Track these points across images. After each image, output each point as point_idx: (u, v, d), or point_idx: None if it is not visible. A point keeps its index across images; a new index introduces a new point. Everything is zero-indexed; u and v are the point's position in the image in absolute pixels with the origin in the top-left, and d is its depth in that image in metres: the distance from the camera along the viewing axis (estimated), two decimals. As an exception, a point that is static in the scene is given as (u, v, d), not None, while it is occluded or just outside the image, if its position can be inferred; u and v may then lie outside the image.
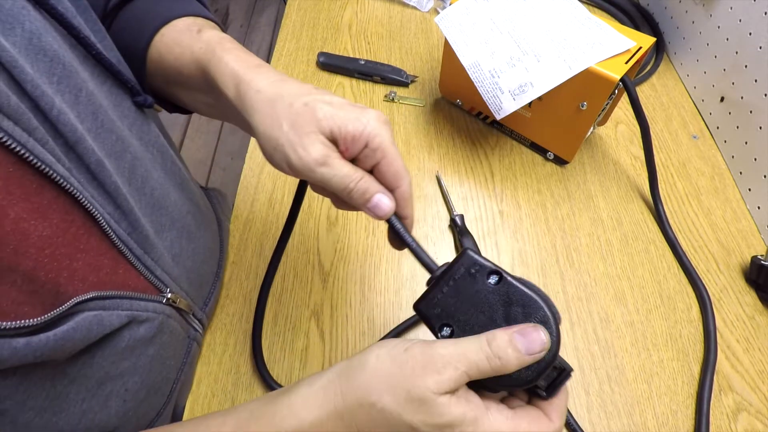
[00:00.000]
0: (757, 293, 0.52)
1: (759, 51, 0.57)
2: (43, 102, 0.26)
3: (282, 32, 0.78)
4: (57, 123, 0.27)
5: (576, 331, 0.49)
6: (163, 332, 0.38)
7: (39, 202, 0.26)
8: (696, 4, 0.68)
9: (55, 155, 0.27)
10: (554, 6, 0.54)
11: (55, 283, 0.27)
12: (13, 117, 0.24)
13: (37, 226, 0.25)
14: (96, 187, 0.30)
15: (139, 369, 0.36)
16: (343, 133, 0.30)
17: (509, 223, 0.57)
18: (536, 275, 0.53)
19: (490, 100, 0.53)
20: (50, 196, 0.27)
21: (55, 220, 0.27)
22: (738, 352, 0.48)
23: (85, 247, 0.29)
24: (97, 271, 0.30)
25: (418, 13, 0.82)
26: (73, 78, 0.29)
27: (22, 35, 0.26)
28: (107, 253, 0.31)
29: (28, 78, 0.25)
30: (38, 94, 0.26)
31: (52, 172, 0.26)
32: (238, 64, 0.32)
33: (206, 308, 0.47)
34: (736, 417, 0.45)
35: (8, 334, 0.24)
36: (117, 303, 0.31)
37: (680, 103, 0.70)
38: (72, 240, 0.28)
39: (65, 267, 0.27)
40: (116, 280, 0.32)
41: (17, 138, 0.24)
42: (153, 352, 0.37)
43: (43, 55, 0.27)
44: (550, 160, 0.62)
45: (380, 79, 0.70)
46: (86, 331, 0.29)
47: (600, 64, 0.49)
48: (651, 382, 0.46)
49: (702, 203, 0.59)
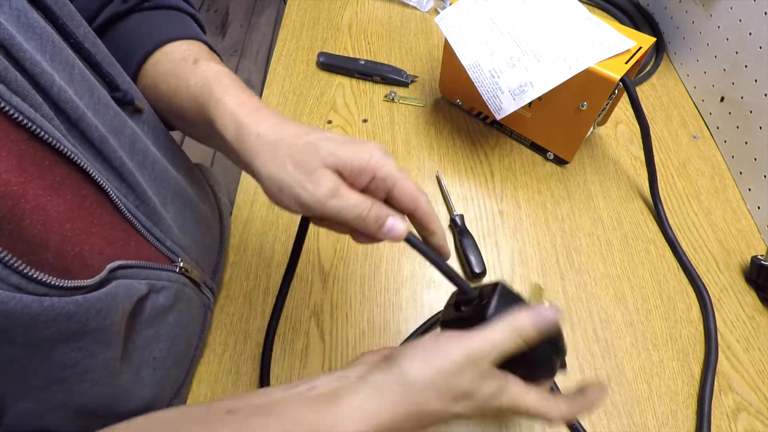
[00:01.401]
0: (757, 293, 0.52)
1: (759, 51, 0.57)
2: (43, 79, 0.25)
3: (282, 32, 0.78)
4: (58, 100, 0.26)
5: (576, 331, 0.49)
6: (180, 300, 0.39)
7: (52, 178, 0.26)
8: (696, 4, 0.68)
9: (62, 132, 0.27)
10: (554, 6, 0.54)
11: (81, 257, 0.27)
12: (20, 93, 0.24)
13: (53, 202, 0.26)
14: (101, 162, 0.30)
15: (162, 337, 0.37)
16: (348, 168, 0.30)
17: (509, 223, 0.57)
18: (536, 275, 0.53)
19: (490, 100, 0.53)
20: (62, 172, 0.27)
21: (68, 196, 0.27)
22: (738, 352, 0.48)
23: (98, 221, 0.29)
24: (111, 244, 0.30)
25: (418, 13, 0.82)
26: (64, 55, 0.28)
27: (10, 12, 0.25)
28: (119, 226, 0.31)
29: (27, 55, 0.25)
30: (38, 71, 0.25)
31: (63, 147, 0.26)
32: (238, 108, 0.32)
33: (216, 277, 0.48)
34: (736, 417, 0.45)
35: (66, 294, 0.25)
36: (136, 272, 0.32)
37: (680, 103, 0.70)
38: (86, 215, 0.28)
39: (86, 241, 0.28)
40: (129, 252, 0.32)
41: (26, 114, 0.24)
42: (173, 320, 0.38)
43: (32, 33, 0.26)
44: (550, 160, 0.62)
45: (380, 79, 0.70)
46: (123, 296, 0.30)
47: (600, 64, 0.49)
48: (651, 382, 0.46)
49: (702, 203, 0.59)
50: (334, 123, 0.66)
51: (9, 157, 0.23)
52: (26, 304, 0.23)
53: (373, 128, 0.66)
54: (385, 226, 0.30)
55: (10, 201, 0.23)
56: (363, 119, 0.66)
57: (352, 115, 0.67)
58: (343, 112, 0.67)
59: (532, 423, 0.44)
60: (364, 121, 0.66)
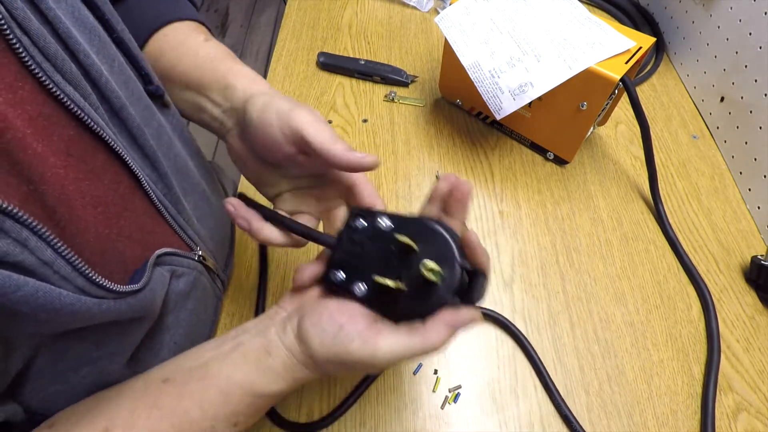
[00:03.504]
0: (757, 293, 0.52)
1: (759, 51, 0.57)
2: (93, 70, 0.27)
3: (282, 32, 0.78)
4: (105, 90, 0.28)
5: (576, 331, 0.49)
6: (197, 288, 0.40)
7: (93, 163, 0.27)
8: (696, 4, 0.68)
9: (105, 120, 0.28)
10: (554, 6, 0.54)
11: (114, 242, 0.29)
12: (73, 83, 0.26)
13: (90, 185, 0.27)
14: (137, 150, 0.32)
15: (181, 322, 0.39)
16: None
17: (509, 223, 0.57)
18: (536, 275, 0.53)
19: (490, 100, 0.53)
20: (103, 158, 0.28)
21: (106, 181, 0.28)
22: (738, 352, 0.48)
23: (130, 207, 0.31)
24: (140, 230, 0.32)
25: (418, 13, 0.82)
26: (107, 48, 0.30)
27: (66, 8, 0.27)
28: (148, 212, 0.33)
29: (81, 48, 0.26)
30: (89, 62, 0.27)
31: (106, 135, 0.28)
32: (250, 73, 0.39)
33: (227, 270, 0.50)
34: (736, 417, 0.45)
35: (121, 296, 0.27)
36: (162, 259, 0.34)
37: (680, 103, 0.70)
38: (120, 200, 0.30)
39: (119, 225, 0.29)
40: (156, 238, 0.34)
41: (77, 102, 0.26)
42: (191, 307, 0.40)
43: (84, 27, 0.28)
44: (550, 160, 0.62)
45: (380, 79, 0.70)
46: (160, 287, 0.32)
47: (600, 64, 0.49)
48: (651, 382, 0.46)
49: (702, 203, 0.59)
50: (334, 123, 0.66)
51: (59, 142, 0.25)
52: (89, 307, 0.24)
53: (373, 128, 0.66)
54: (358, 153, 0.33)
55: (59, 188, 0.24)
56: (363, 119, 0.66)
57: (352, 115, 0.67)
58: (343, 112, 0.67)
59: (530, 419, 0.44)
60: (364, 121, 0.66)
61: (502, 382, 0.46)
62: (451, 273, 0.29)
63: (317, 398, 0.45)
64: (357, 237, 0.32)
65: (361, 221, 0.32)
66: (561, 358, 0.47)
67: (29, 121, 0.23)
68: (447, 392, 0.45)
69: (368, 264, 0.31)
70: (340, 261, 0.32)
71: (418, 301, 0.30)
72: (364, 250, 0.32)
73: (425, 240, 0.30)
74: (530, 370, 0.47)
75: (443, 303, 0.29)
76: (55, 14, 0.25)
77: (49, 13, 0.25)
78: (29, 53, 0.23)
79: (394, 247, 0.31)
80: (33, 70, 0.23)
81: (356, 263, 0.32)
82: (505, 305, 0.50)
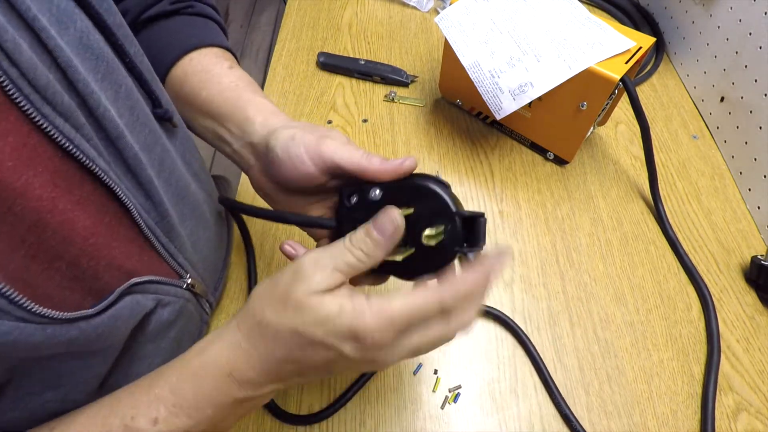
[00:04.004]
0: (757, 293, 0.52)
1: (759, 51, 0.57)
2: (91, 100, 0.27)
3: (282, 32, 0.78)
4: (102, 120, 0.28)
5: (576, 331, 0.49)
6: (182, 316, 0.39)
7: (80, 194, 0.27)
8: (696, 4, 0.68)
9: (98, 150, 0.28)
10: (554, 6, 0.54)
11: (94, 270, 0.28)
12: (65, 114, 0.25)
13: (79, 216, 0.27)
14: (131, 179, 0.31)
15: (161, 351, 0.38)
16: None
17: (509, 223, 0.57)
18: (536, 275, 0.53)
19: (490, 100, 0.53)
20: (89, 188, 0.28)
21: (92, 211, 0.28)
22: (738, 352, 0.48)
23: (118, 236, 0.30)
24: (128, 258, 0.31)
25: (418, 13, 0.82)
26: (114, 74, 0.30)
27: (74, 33, 0.27)
28: (136, 241, 0.33)
29: (80, 77, 0.26)
30: (88, 92, 0.27)
31: (95, 166, 0.27)
32: (268, 105, 0.39)
33: (216, 292, 0.49)
34: (736, 417, 0.45)
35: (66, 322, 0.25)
36: (147, 287, 0.33)
37: (680, 103, 0.70)
38: (107, 229, 0.29)
39: (103, 255, 0.29)
40: (143, 266, 0.33)
41: (66, 134, 0.26)
42: (174, 335, 0.39)
43: (90, 53, 0.28)
44: (550, 160, 0.62)
45: (380, 79, 0.70)
46: (129, 315, 0.31)
47: (600, 64, 0.49)
48: (651, 382, 0.46)
49: (702, 203, 0.59)
50: (334, 123, 0.66)
51: (44, 173, 0.25)
52: (30, 333, 0.24)
53: (373, 128, 0.66)
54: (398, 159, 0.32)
55: (36, 215, 0.24)
56: (363, 119, 0.66)
57: (352, 115, 0.67)
58: (343, 112, 0.67)
59: (530, 419, 0.44)
60: (364, 121, 0.66)
61: (502, 382, 0.46)
62: (452, 225, 0.29)
63: (317, 395, 0.45)
64: (355, 214, 0.32)
65: (355, 197, 0.32)
66: (561, 358, 0.47)
67: (11, 152, 0.23)
68: (447, 392, 0.45)
69: None
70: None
71: (428, 259, 0.30)
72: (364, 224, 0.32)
73: (419, 199, 0.30)
74: (530, 370, 0.47)
75: (453, 255, 0.30)
76: (56, 44, 0.25)
77: (50, 43, 0.25)
78: (16, 85, 0.23)
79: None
80: (18, 102, 0.23)
81: None
82: (505, 305, 0.50)
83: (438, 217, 0.29)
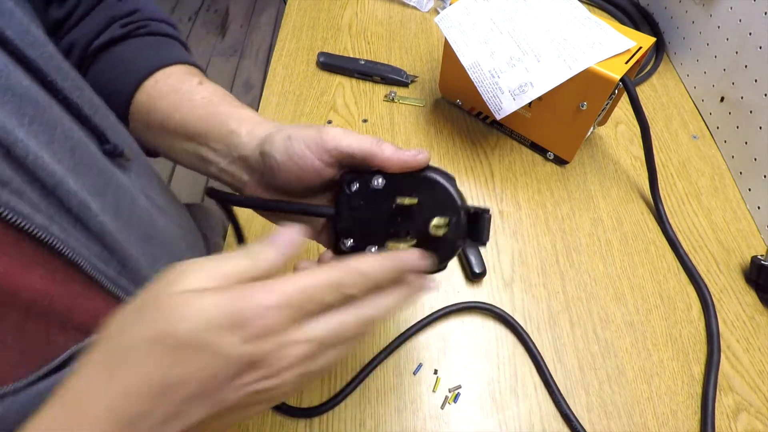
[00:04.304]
0: (757, 293, 0.52)
1: (759, 51, 0.57)
2: (17, 149, 0.23)
3: (282, 32, 0.78)
4: (34, 169, 0.24)
5: (576, 331, 0.49)
6: None
7: (18, 255, 0.24)
8: (696, 4, 0.68)
9: (33, 205, 0.25)
10: (554, 6, 0.54)
11: (45, 334, 0.25)
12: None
13: (23, 279, 0.24)
14: (80, 230, 0.28)
15: None
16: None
17: (509, 223, 0.57)
18: (536, 275, 0.53)
19: (490, 100, 0.53)
20: (29, 247, 0.25)
21: (39, 272, 0.25)
22: (738, 352, 0.48)
23: (75, 294, 0.28)
24: (91, 315, 0.29)
25: (418, 13, 0.82)
26: (46, 115, 0.26)
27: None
28: (97, 296, 0.30)
29: (0, 125, 0.23)
30: (11, 140, 0.23)
31: (29, 224, 0.24)
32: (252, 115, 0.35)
33: None
34: (736, 417, 0.45)
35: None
36: None
37: (680, 103, 0.70)
38: (61, 289, 0.27)
39: (56, 317, 0.26)
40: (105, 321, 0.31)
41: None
42: None
43: (11, 95, 0.24)
44: (550, 160, 0.62)
45: (380, 79, 0.70)
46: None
47: (600, 64, 0.49)
48: (651, 382, 0.46)
49: (702, 203, 0.59)
50: (334, 123, 0.66)
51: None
52: None
53: (373, 128, 0.66)
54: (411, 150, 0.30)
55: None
56: (363, 119, 0.66)
57: (352, 115, 0.67)
58: (343, 112, 0.67)
59: (530, 419, 0.44)
60: (364, 121, 0.66)
61: (502, 382, 0.46)
62: (457, 219, 0.29)
63: (318, 391, 0.45)
64: (355, 202, 0.31)
65: (356, 185, 0.31)
66: (561, 358, 0.47)
67: None
68: (447, 392, 0.45)
69: (375, 226, 0.31)
70: (346, 229, 0.32)
71: (431, 251, 0.29)
72: (366, 213, 0.31)
73: (423, 190, 0.30)
74: (530, 370, 0.47)
75: (456, 248, 0.29)
76: None
77: None
78: None
79: (395, 204, 0.30)
80: None
81: (362, 228, 0.31)
82: (505, 305, 0.50)
83: (442, 210, 0.29)
